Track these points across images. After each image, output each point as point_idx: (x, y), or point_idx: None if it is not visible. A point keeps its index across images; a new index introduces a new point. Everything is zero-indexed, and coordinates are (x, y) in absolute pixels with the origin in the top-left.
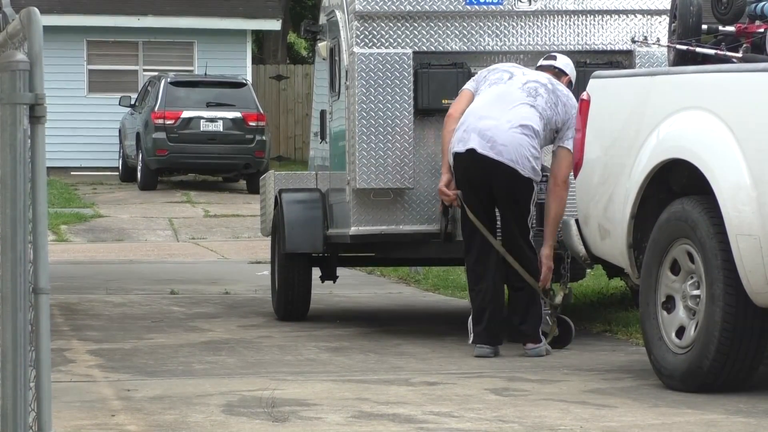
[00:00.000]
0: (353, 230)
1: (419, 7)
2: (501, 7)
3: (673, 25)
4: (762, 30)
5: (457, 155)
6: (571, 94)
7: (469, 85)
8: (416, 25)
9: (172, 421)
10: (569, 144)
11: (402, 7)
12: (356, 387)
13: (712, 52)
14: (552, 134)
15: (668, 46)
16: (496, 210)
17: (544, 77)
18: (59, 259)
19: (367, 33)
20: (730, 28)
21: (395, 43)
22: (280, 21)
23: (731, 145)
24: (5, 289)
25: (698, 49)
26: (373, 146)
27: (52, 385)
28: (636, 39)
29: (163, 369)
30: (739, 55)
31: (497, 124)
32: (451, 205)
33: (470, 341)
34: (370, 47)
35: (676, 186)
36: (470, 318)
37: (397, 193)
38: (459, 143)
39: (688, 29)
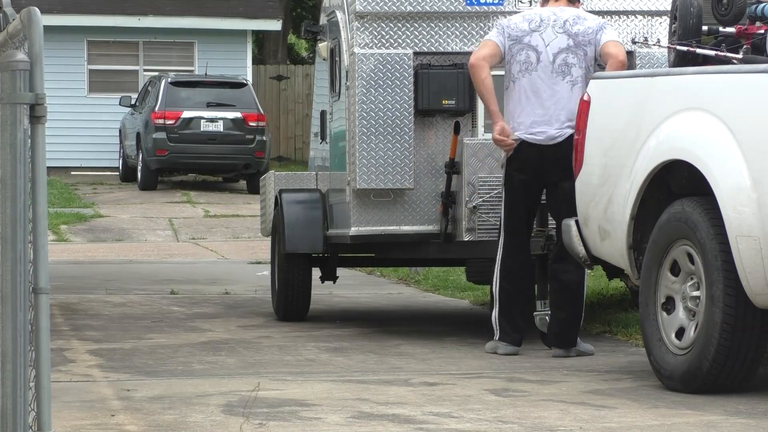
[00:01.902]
0: (353, 231)
1: (420, 8)
2: (502, 7)
3: (673, 26)
4: (762, 31)
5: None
6: (582, 15)
7: (496, 38)
8: (417, 25)
9: (172, 421)
10: (608, 37)
11: (402, 8)
12: (356, 387)
13: (712, 53)
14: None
15: (668, 47)
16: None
17: (563, 36)
18: (59, 259)
19: (367, 33)
20: (731, 30)
21: (396, 44)
22: (281, 21)
23: (731, 147)
24: (5, 288)
25: (698, 50)
26: (374, 147)
27: (51, 384)
28: (636, 40)
29: (162, 369)
30: (740, 56)
31: (548, 132)
32: (451, 206)
33: (496, 338)
34: (370, 48)
35: (676, 187)
36: (495, 312)
37: (397, 194)
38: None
39: (688, 30)
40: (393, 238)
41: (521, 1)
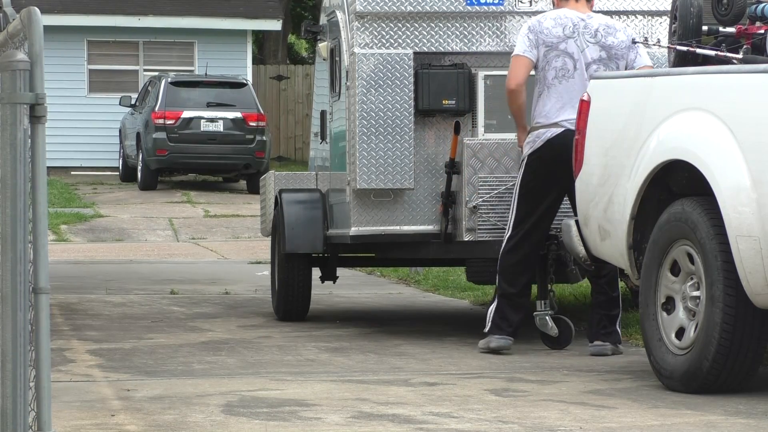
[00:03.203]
0: (353, 230)
1: (420, 8)
2: (502, 7)
3: (673, 26)
4: (762, 31)
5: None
6: (611, 24)
7: (529, 53)
8: (417, 25)
9: (172, 421)
10: (643, 61)
11: (403, 8)
12: (356, 387)
13: (712, 53)
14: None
15: (669, 47)
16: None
17: (595, 47)
18: (59, 259)
19: (367, 33)
20: (731, 29)
21: (396, 44)
22: (281, 21)
23: (731, 147)
24: (5, 288)
25: (698, 50)
26: (374, 146)
27: (51, 384)
28: (636, 40)
29: (162, 369)
30: (740, 56)
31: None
32: (451, 206)
33: (486, 329)
34: (370, 47)
35: (676, 187)
36: (493, 307)
37: (397, 194)
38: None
39: (688, 30)
40: (393, 238)
41: (521, 1)
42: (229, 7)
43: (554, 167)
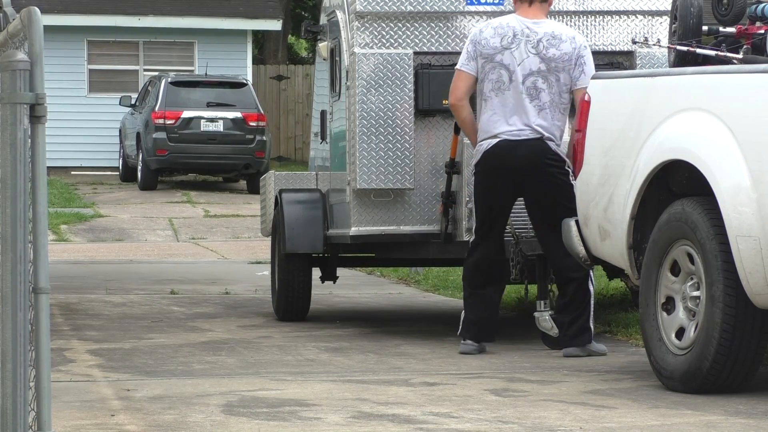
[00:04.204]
0: (353, 230)
1: (420, 8)
2: (502, 7)
3: (673, 26)
4: (762, 31)
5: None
6: (558, 33)
7: (467, 67)
8: (417, 25)
9: (172, 421)
10: (583, 82)
11: (403, 8)
12: (356, 387)
13: (712, 53)
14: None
15: (669, 47)
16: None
17: (535, 58)
18: (59, 259)
19: (367, 33)
20: (731, 29)
21: (396, 44)
22: (281, 21)
23: (731, 147)
24: (5, 288)
25: (699, 50)
26: (374, 146)
27: (51, 384)
28: (636, 40)
29: (162, 369)
30: (740, 56)
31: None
32: (451, 206)
33: (459, 333)
34: (370, 47)
35: (676, 187)
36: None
37: (397, 194)
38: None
39: (688, 30)
40: (393, 238)
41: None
42: (229, 7)
43: (495, 178)
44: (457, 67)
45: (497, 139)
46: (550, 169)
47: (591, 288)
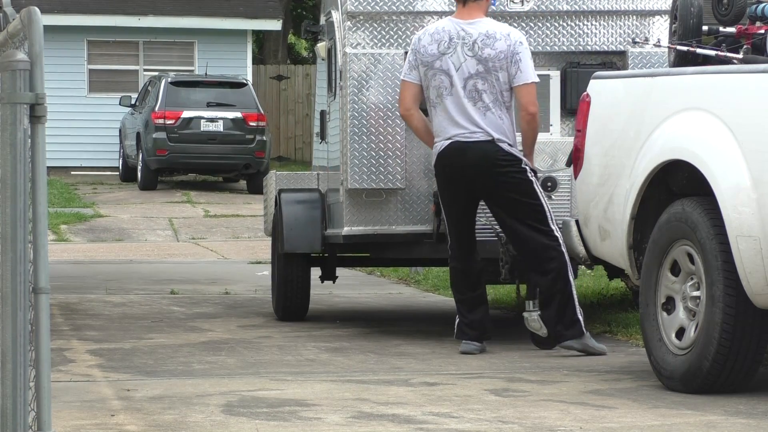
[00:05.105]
0: (346, 230)
1: (412, 8)
2: (493, 7)
3: (673, 26)
4: (762, 31)
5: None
6: (492, 32)
7: (409, 76)
8: (409, 25)
9: (172, 421)
10: (521, 79)
11: (395, 7)
12: (356, 387)
13: (712, 53)
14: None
15: (669, 47)
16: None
17: (472, 61)
18: (59, 259)
19: (359, 33)
20: (731, 29)
21: (388, 44)
22: (281, 21)
23: (731, 147)
24: (5, 288)
25: (699, 50)
26: (365, 146)
27: (51, 384)
28: (637, 40)
29: (162, 369)
30: (740, 56)
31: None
32: None
33: (455, 336)
34: (362, 47)
35: (676, 187)
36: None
37: (389, 194)
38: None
39: (688, 30)
40: (385, 238)
41: (513, 1)
42: (229, 7)
43: (451, 178)
44: (401, 77)
45: (450, 141)
46: (503, 169)
47: (570, 277)
